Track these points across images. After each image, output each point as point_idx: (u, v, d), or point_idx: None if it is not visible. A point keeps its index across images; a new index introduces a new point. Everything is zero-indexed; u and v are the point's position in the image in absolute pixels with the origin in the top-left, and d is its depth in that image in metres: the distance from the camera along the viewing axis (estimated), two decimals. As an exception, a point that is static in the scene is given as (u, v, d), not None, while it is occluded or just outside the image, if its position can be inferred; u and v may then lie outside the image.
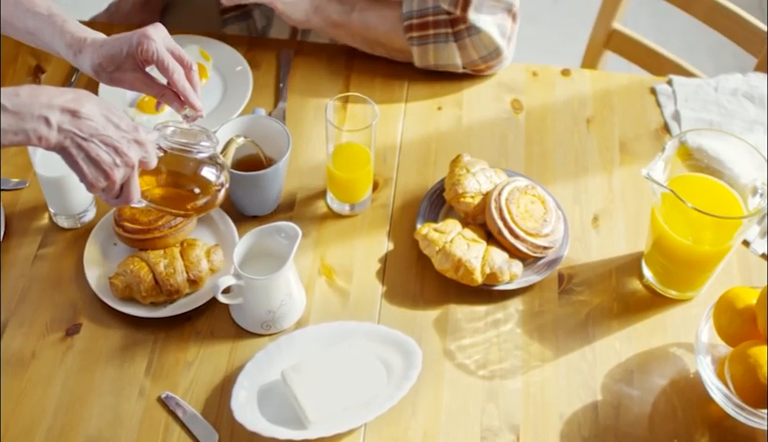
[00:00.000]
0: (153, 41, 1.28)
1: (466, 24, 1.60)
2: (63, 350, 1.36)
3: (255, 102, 1.63)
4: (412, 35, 1.62)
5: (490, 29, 1.61)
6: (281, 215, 1.50)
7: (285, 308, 1.36)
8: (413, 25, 1.62)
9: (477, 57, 1.63)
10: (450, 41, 1.62)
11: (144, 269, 1.37)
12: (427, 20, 1.61)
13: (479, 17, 1.60)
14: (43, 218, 1.49)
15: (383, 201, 1.52)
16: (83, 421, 1.30)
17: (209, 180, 1.29)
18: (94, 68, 1.31)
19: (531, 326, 1.40)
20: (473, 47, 1.62)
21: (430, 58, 1.65)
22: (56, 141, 1.15)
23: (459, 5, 1.59)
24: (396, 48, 1.66)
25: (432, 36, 1.62)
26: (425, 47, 1.63)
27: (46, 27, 1.33)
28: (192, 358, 1.35)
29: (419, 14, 1.62)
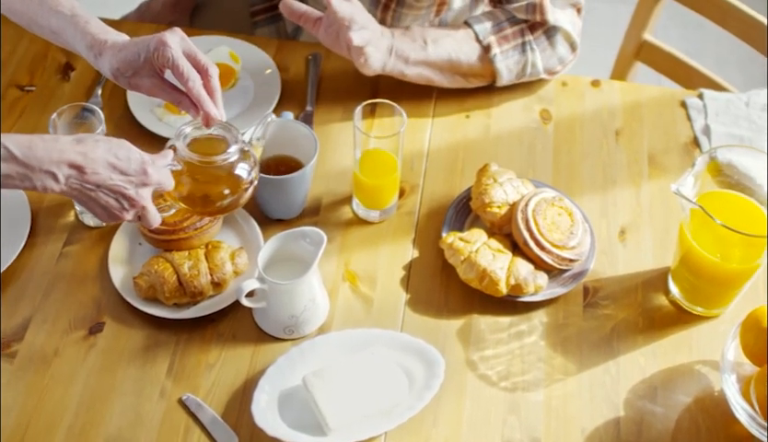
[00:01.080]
0: (169, 48, 1.27)
1: (545, 26, 1.60)
2: (85, 348, 1.36)
3: (283, 106, 1.63)
4: (494, 52, 1.59)
5: (566, 25, 1.62)
6: (306, 220, 1.49)
7: (309, 314, 1.35)
8: (493, 42, 1.59)
9: (556, 59, 1.63)
10: (534, 48, 1.61)
11: (168, 270, 1.37)
12: (506, 33, 1.60)
13: (555, 15, 1.60)
14: (69, 216, 1.49)
15: (409, 208, 1.52)
16: (104, 420, 1.30)
17: (240, 178, 1.28)
18: (113, 72, 1.31)
19: (555, 339, 1.39)
20: (553, 48, 1.62)
21: (514, 72, 1.62)
22: (63, 191, 1.18)
23: (536, 10, 1.59)
24: (477, 73, 1.62)
25: (513, 47, 1.60)
26: (509, 61, 1.61)
27: (68, 27, 1.33)
28: (213, 360, 1.35)
29: (496, 29, 1.60)
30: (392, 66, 1.58)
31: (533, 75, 1.64)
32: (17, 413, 1.30)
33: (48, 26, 1.35)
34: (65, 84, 1.67)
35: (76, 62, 1.70)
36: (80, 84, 1.67)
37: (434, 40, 1.59)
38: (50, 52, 1.71)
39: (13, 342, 1.36)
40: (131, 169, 1.21)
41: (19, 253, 1.43)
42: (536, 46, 1.61)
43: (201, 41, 1.71)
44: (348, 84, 1.67)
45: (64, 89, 1.66)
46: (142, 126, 1.59)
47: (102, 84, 1.66)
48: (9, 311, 1.39)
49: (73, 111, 1.43)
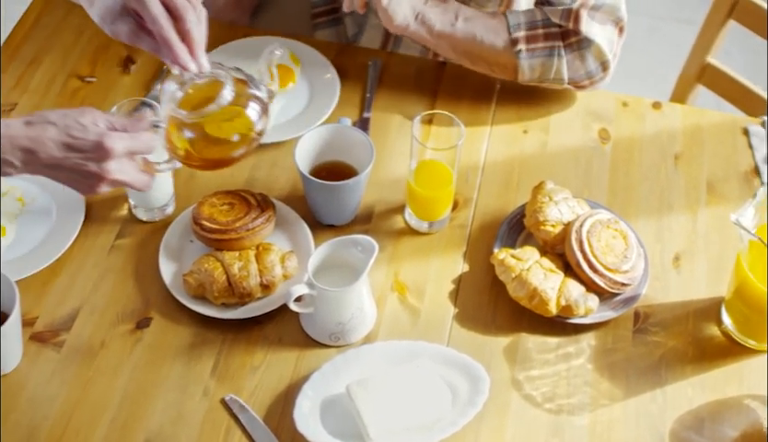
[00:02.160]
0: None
1: (578, 36, 1.57)
2: (132, 342, 1.36)
3: (340, 110, 1.63)
4: (521, 48, 1.57)
5: (601, 42, 1.57)
6: (357, 227, 1.49)
7: (356, 322, 1.35)
8: (521, 38, 1.57)
9: (584, 72, 1.60)
10: (562, 56, 1.58)
11: (218, 269, 1.37)
12: (537, 32, 1.57)
13: (590, 29, 1.56)
14: (123, 209, 1.50)
15: (461, 221, 1.51)
16: (146, 415, 1.30)
17: (251, 120, 1.26)
18: (99, 19, 1.30)
19: (603, 363, 1.37)
20: (582, 60, 1.58)
21: (536, 72, 1.60)
22: (27, 172, 1.18)
23: (571, 17, 1.56)
24: (500, 62, 1.60)
25: (541, 48, 1.58)
26: (534, 61, 1.58)
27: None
28: (258, 363, 1.35)
29: (528, 26, 1.57)
30: (415, 30, 1.57)
31: (557, 82, 1.61)
32: (62, 403, 1.30)
33: None
34: (125, 77, 1.68)
35: (137, 56, 1.71)
36: (140, 77, 1.68)
37: (465, 19, 1.58)
38: (112, 45, 1.72)
39: (61, 331, 1.37)
40: (86, 146, 1.18)
41: (72, 243, 1.44)
42: (564, 54, 1.58)
43: (261, 42, 1.72)
44: (407, 92, 1.66)
45: (123, 82, 1.67)
46: (199, 123, 1.59)
47: (162, 78, 1.67)
48: (59, 300, 1.40)
49: (131, 105, 1.44)
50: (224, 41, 1.72)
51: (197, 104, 1.24)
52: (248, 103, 1.28)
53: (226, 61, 1.67)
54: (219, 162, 1.31)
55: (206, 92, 1.26)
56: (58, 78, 1.67)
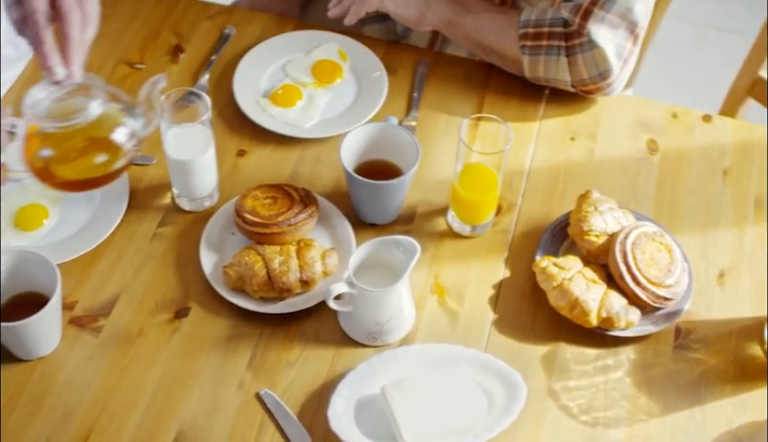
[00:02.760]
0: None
1: (581, 39, 1.55)
2: (169, 331, 1.36)
3: (387, 109, 1.62)
4: (525, 43, 1.58)
5: (606, 46, 1.55)
6: (399, 227, 1.48)
7: (394, 323, 1.34)
8: (528, 34, 1.58)
9: (587, 76, 1.58)
10: (562, 55, 1.57)
11: (258, 263, 1.37)
12: (543, 31, 1.57)
13: (598, 31, 1.55)
14: (166, 197, 1.50)
15: (504, 226, 1.49)
16: (180, 405, 1.30)
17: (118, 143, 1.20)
18: (4, 4, 1.23)
19: (641, 377, 1.35)
20: (584, 64, 1.57)
21: (540, 70, 1.60)
22: None
23: (579, 12, 1.55)
24: (509, 57, 1.62)
25: (545, 47, 1.58)
26: (536, 58, 1.59)
27: None
28: (294, 358, 1.35)
29: (536, 23, 1.58)
30: (431, 21, 1.63)
31: (560, 84, 1.61)
32: (97, 389, 1.31)
33: None
34: (174, 65, 1.68)
35: (187, 44, 1.71)
36: (188, 67, 1.68)
37: (475, 12, 1.61)
38: (162, 33, 1.72)
39: (100, 316, 1.37)
40: None
41: (114, 229, 1.45)
42: (564, 55, 1.57)
43: (310, 36, 1.71)
44: (455, 92, 1.65)
45: (172, 70, 1.67)
46: (245, 116, 1.59)
47: (210, 69, 1.66)
48: (99, 285, 1.40)
49: (179, 94, 1.44)
50: (273, 34, 1.72)
51: (61, 116, 1.16)
52: (115, 127, 1.21)
53: (275, 54, 1.68)
54: (75, 184, 1.22)
55: (74, 106, 1.18)
56: (108, 64, 1.68)
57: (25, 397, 1.30)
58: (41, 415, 1.28)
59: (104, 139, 1.21)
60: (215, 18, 1.76)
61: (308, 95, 1.62)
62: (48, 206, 1.46)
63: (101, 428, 1.28)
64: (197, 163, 1.42)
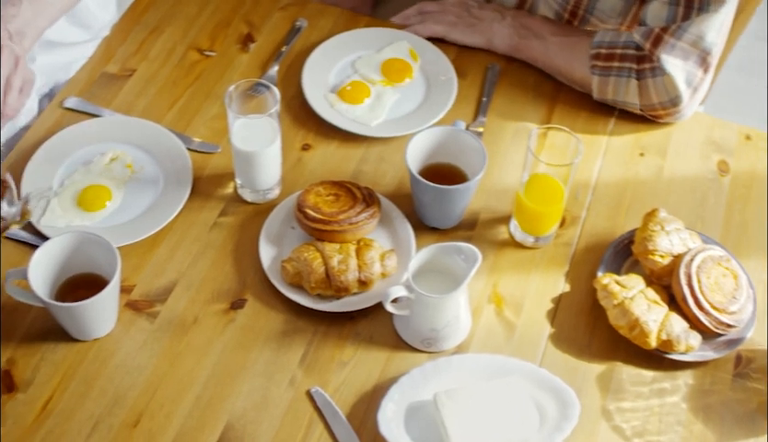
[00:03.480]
0: None
1: (652, 63, 1.53)
2: (224, 322, 1.36)
3: (455, 112, 1.60)
4: (596, 64, 1.57)
5: (676, 74, 1.53)
6: (461, 233, 1.46)
7: (450, 330, 1.33)
8: (600, 54, 1.57)
9: (656, 101, 1.56)
10: (632, 78, 1.55)
11: (317, 260, 1.36)
12: (615, 52, 1.56)
13: (668, 58, 1.53)
14: (228, 187, 1.50)
15: (567, 239, 1.47)
16: (231, 397, 1.30)
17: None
18: None
19: (698, 404, 1.32)
20: (654, 89, 1.55)
21: (609, 91, 1.59)
22: None
23: (650, 38, 1.53)
24: (575, 79, 1.62)
25: (615, 69, 1.56)
26: (606, 79, 1.57)
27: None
28: (347, 358, 1.34)
29: (609, 45, 1.57)
30: (498, 45, 1.67)
31: (628, 106, 1.60)
32: (150, 374, 1.31)
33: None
34: (244, 54, 1.68)
35: (258, 34, 1.71)
36: (258, 57, 1.68)
37: (540, 37, 1.63)
38: (234, 21, 1.72)
39: (156, 302, 1.37)
40: None
41: (175, 216, 1.45)
42: (634, 78, 1.55)
43: (382, 33, 1.70)
44: (524, 100, 1.63)
45: (241, 59, 1.67)
46: (312, 110, 1.58)
47: (279, 60, 1.66)
48: (157, 271, 1.40)
49: (247, 85, 1.43)
50: (344, 29, 1.71)
51: None
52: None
53: (345, 49, 1.67)
54: None
55: None
56: (178, 49, 1.68)
57: (78, 377, 1.30)
58: (92, 397, 1.29)
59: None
60: (287, 10, 1.75)
61: (376, 93, 1.61)
62: (112, 188, 1.47)
63: (151, 414, 1.28)
64: (262, 155, 1.42)
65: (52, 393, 1.29)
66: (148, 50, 1.67)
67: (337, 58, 1.66)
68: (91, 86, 1.62)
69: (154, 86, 1.62)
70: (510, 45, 1.66)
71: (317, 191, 1.42)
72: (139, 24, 1.71)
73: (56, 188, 1.47)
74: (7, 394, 1.29)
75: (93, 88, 1.62)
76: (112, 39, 1.69)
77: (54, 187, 1.47)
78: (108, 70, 1.64)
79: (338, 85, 1.62)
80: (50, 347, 1.33)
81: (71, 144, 1.52)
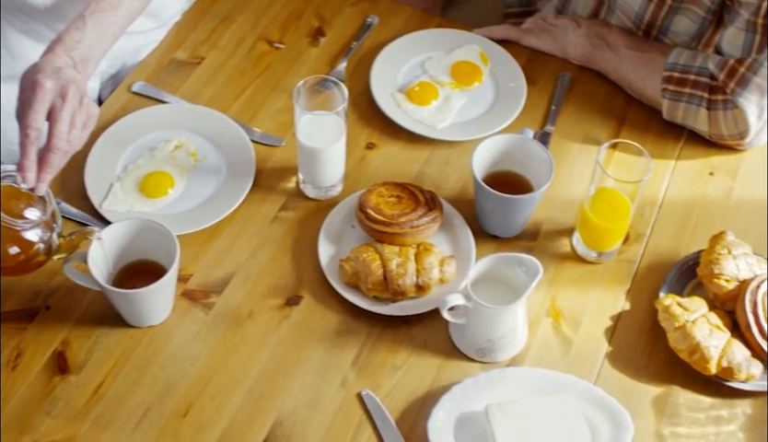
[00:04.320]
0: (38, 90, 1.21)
1: (725, 95, 1.50)
2: (279, 318, 1.35)
3: (523, 118, 1.58)
4: (667, 87, 1.54)
5: (748, 109, 1.50)
6: (522, 243, 1.44)
7: (505, 341, 1.31)
8: (673, 78, 1.53)
9: (726, 133, 1.53)
10: (702, 107, 1.52)
11: (376, 261, 1.35)
12: (688, 78, 1.52)
13: (742, 92, 1.49)
14: (291, 181, 1.49)
15: (630, 256, 1.44)
16: (281, 393, 1.29)
17: (30, 241, 1.23)
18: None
19: (756, 434, 1.29)
20: (724, 121, 1.52)
21: (678, 116, 1.55)
22: None
23: (725, 69, 1.49)
24: (647, 96, 1.59)
25: (687, 95, 1.53)
26: (677, 104, 1.54)
27: None
28: (400, 363, 1.32)
29: (682, 68, 1.53)
30: (571, 52, 1.66)
31: (697, 131, 1.56)
32: (202, 365, 1.31)
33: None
34: (313, 48, 1.67)
35: (328, 29, 1.70)
36: (327, 51, 1.67)
37: (615, 48, 1.60)
38: (305, 14, 1.72)
39: (213, 293, 1.37)
40: None
41: (237, 207, 1.44)
42: (705, 107, 1.51)
43: (453, 35, 1.68)
44: (594, 111, 1.60)
45: (310, 53, 1.66)
46: (379, 108, 1.57)
47: (349, 56, 1.65)
48: (215, 262, 1.40)
49: (315, 81, 1.41)
50: (415, 28, 1.70)
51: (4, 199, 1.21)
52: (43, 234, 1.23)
53: (415, 49, 1.66)
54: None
55: (22, 198, 1.23)
56: (247, 39, 1.68)
57: (130, 363, 1.31)
58: (144, 384, 1.29)
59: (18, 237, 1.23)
60: (358, 6, 1.74)
61: (444, 95, 1.59)
62: (175, 176, 1.47)
63: (201, 405, 1.28)
64: (327, 152, 1.41)
65: (104, 378, 1.29)
66: (218, 39, 1.67)
67: (407, 57, 1.65)
68: (159, 71, 1.62)
69: (221, 75, 1.62)
70: (583, 54, 1.64)
71: (379, 192, 1.41)
72: (210, 12, 1.71)
73: (119, 172, 1.47)
74: (60, 376, 1.29)
75: (161, 74, 1.62)
76: (183, 25, 1.69)
77: (118, 171, 1.47)
78: (177, 57, 1.65)
79: (406, 84, 1.61)
80: (104, 332, 1.33)
81: (137, 128, 1.52)
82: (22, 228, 1.21)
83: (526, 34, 1.68)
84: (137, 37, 1.64)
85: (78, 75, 1.26)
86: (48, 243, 1.24)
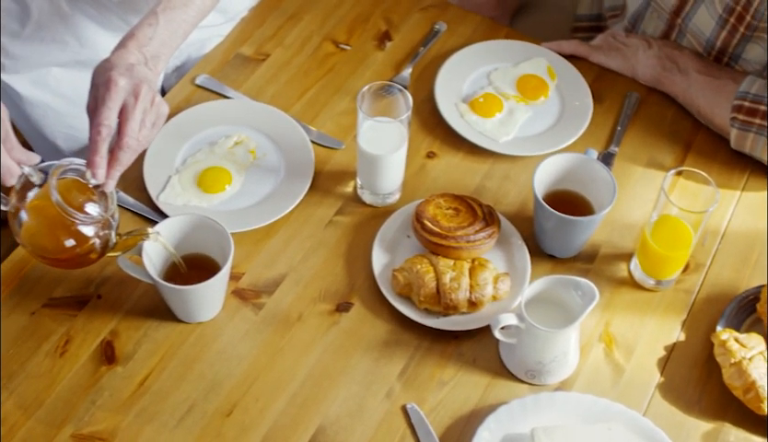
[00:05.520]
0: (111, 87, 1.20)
1: None
2: (328, 323, 1.34)
3: (587, 137, 1.55)
4: (737, 116, 1.50)
5: None
6: (579, 264, 1.42)
7: (556, 365, 1.29)
8: (743, 107, 1.49)
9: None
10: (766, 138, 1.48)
11: (429, 273, 1.33)
12: (759, 108, 1.48)
13: None
14: (348, 186, 1.48)
15: (688, 286, 1.41)
16: (326, 401, 1.28)
17: (87, 236, 1.22)
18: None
19: (807, 479, 1.26)
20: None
21: (746, 146, 1.52)
22: None
23: None
24: (715, 123, 1.55)
25: (756, 125, 1.48)
26: (745, 134, 1.50)
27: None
28: (447, 378, 1.31)
29: (753, 98, 1.49)
30: (640, 72, 1.63)
31: (765, 162, 1.53)
32: (249, 365, 1.30)
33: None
34: (379, 52, 1.66)
35: (395, 33, 1.68)
36: (393, 56, 1.65)
37: (685, 72, 1.57)
38: (373, 17, 1.70)
39: (263, 293, 1.37)
40: None
41: (293, 208, 1.43)
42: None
43: (521, 47, 1.66)
44: (660, 134, 1.57)
45: (376, 57, 1.65)
46: (441, 117, 1.55)
47: (414, 62, 1.63)
48: (268, 262, 1.40)
49: (379, 86, 1.40)
50: (483, 38, 1.68)
51: (64, 192, 1.19)
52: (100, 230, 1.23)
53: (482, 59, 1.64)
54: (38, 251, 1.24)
55: (84, 192, 1.22)
56: (314, 39, 1.67)
57: (177, 358, 1.30)
58: (190, 380, 1.29)
59: (75, 231, 1.23)
60: (427, 11, 1.72)
61: (508, 108, 1.57)
62: (233, 172, 1.46)
63: (245, 406, 1.27)
64: (387, 159, 1.39)
65: (151, 371, 1.29)
66: (284, 36, 1.66)
67: (473, 67, 1.63)
68: (224, 66, 1.62)
69: (286, 73, 1.62)
70: (653, 76, 1.60)
71: (437, 203, 1.39)
72: (278, 9, 1.70)
73: (178, 165, 1.47)
74: (107, 366, 1.29)
75: (225, 69, 1.62)
76: (250, 21, 1.69)
77: (177, 164, 1.47)
78: (242, 52, 1.64)
79: (470, 95, 1.59)
80: (153, 325, 1.33)
81: (198, 122, 1.52)
82: (81, 222, 1.21)
83: (595, 51, 1.66)
84: (204, 30, 1.64)
85: (150, 72, 1.26)
86: (104, 240, 1.24)
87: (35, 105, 1.59)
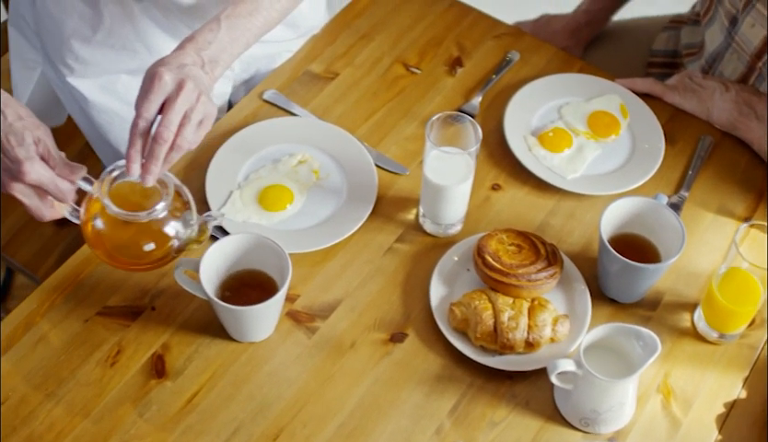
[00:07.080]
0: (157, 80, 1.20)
1: None
2: (381, 353, 1.32)
3: (657, 179, 1.51)
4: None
5: None
6: (641, 311, 1.38)
7: (612, 414, 1.25)
8: None
9: None
10: None
11: (488, 310, 1.30)
12: None
13: None
14: (410, 213, 1.46)
15: (752, 341, 1.37)
16: (374, 433, 1.26)
17: (167, 234, 1.24)
18: None
19: None
20: None
21: None
22: None
23: None
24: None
25: None
26: None
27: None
28: (499, 419, 1.28)
29: None
30: (716, 117, 1.59)
31: None
32: (298, 390, 1.28)
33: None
34: (450, 78, 1.63)
35: (467, 59, 1.66)
36: (464, 82, 1.63)
37: (760, 117, 1.54)
38: (445, 42, 1.68)
39: (318, 318, 1.35)
40: (10, 156, 1.18)
41: (353, 232, 1.42)
42: None
43: (594, 82, 1.63)
44: (733, 181, 1.53)
45: (446, 82, 1.63)
46: (509, 148, 1.53)
47: (485, 90, 1.61)
48: (324, 286, 1.38)
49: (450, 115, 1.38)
50: (556, 70, 1.65)
51: (127, 194, 1.21)
52: (169, 221, 1.24)
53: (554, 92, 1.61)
54: (116, 262, 1.26)
55: (142, 192, 1.23)
56: (384, 60, 1.65)
57: (227, 378, 1.29)
58: (239, 400, 1.27)
59: (156, 231, 1.25)
60: (501, 39, 1.70)
61: (577, 144, 1.54)
62: (295, 191, 1.45)
63: (292, 431, 1.25)
64: (452, 190, 1.37)
65: (200, 388, 1.28)
66: (355, 56, 1.65)
67: (544, 100, 1.60)
68: (292, 82, 1.61)
69: (354, 93, 1.60)
70: (729, 120, 1.56)
71: (500, 238, 1.37)
72: (350, 28, 1.69)
73: (240, 180, 1.46)
74: (156, 379, 1.28)
75: (294, 85, 1.61)
76: (321, 38, 1.68)
77: (239, 179, 1.46)
78: (311, 69, 1.63)
79: (540, 128, 1.56)
80: (205, 341, 1.32)
81: (263, 138, 1.51)
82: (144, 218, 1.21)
83: (670, 91, 1.62)
84: (274, 45, 1.63)
85: (204, 75, 1.24)
86: (181, 234, 1.25)
87: (102, 110, 1.59)
